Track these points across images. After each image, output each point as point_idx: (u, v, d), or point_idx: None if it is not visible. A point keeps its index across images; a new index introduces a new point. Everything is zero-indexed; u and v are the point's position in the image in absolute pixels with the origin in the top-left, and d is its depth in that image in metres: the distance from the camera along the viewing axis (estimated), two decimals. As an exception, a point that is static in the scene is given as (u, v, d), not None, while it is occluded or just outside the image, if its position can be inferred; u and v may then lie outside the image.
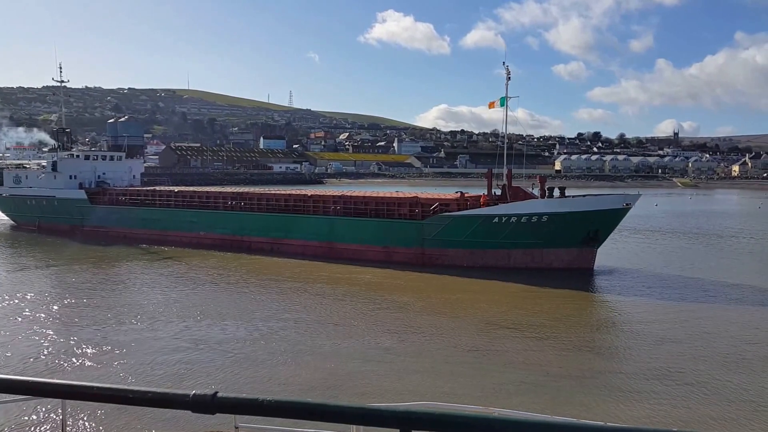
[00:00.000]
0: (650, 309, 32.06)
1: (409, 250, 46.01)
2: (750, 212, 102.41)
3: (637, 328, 28.48)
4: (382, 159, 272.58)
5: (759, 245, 57.91)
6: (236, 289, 36.84)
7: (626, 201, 42.56)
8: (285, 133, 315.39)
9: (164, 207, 59.79)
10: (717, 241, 60.52)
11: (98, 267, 44.99)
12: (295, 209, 52.73)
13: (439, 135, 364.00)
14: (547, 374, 21.75)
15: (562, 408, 17.94)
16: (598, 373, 22.16)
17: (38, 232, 64.86)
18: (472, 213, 44.07)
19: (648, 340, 26.27)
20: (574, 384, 20.95)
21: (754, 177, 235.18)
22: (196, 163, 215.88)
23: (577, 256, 42.68)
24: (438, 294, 35.82)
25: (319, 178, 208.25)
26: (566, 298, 34.82)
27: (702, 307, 32.24)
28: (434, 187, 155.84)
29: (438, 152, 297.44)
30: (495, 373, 21.82)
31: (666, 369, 22.40)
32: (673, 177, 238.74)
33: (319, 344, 25.28)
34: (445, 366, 22.63)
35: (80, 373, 21.63)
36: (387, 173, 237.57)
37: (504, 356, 24.01)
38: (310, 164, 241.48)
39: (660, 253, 51.78)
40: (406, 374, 21.70)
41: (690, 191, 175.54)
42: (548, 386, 20.61)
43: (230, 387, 20.18)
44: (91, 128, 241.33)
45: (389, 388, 20.36)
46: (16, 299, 33.39)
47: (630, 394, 19.92)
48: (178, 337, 26.35)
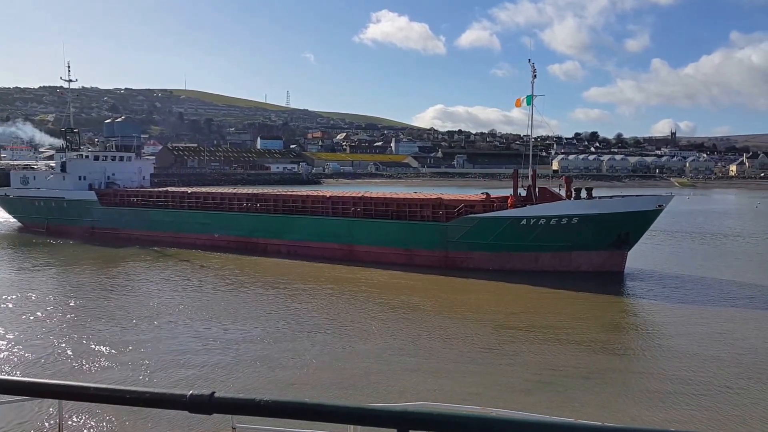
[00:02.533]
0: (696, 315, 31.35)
1: (432, 252, 45.12)
2: (748, 212, 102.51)
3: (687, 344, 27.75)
4: (379, 159, 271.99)
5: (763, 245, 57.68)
6: (255, 292, 36.06)
7: (659, 202, 41.80)
8: (282, 134, 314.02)
9: (177, 208, 58.66)
10: (723, 241, 60.34)
11: (112, 269, 44.04)
12: (313, 211, 51.72)
13: (436, 135, 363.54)
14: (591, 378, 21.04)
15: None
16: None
17: (47, 233, 63.61)
18: (499, 215, 43.20)
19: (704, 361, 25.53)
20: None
21: (751, 177, 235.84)
22: (193, 164, 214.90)
23: (608, 259, 41.86)
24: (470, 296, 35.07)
25: (317, 178, 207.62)
26: (603, 303, 34.10)
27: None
28: (432, 187, 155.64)
29: (435, 152, 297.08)
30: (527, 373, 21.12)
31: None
32: (671, 177, 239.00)
33: (351, 347, 25.00)
34: (473, 367, 22.36)
35: (104, 375, 21.41)
36: (384, 173, 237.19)
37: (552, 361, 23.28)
38: (307, 164, 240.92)
39: (681, 254, 51.15)
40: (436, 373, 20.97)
41: (688, 191, 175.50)
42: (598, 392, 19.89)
43: (248, 386, 20.45)
44: (88, 128, 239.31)
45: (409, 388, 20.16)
46: (29, 300, 33.09)
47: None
48: (197, 336, 26.38)
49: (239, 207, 55.77)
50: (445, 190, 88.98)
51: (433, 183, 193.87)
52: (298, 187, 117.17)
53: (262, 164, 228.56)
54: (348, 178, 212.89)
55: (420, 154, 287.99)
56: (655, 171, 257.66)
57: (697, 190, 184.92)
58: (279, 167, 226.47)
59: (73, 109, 69.97)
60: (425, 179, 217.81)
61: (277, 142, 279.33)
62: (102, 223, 61.84)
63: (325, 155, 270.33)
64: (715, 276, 41.12)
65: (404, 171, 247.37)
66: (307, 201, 52.80)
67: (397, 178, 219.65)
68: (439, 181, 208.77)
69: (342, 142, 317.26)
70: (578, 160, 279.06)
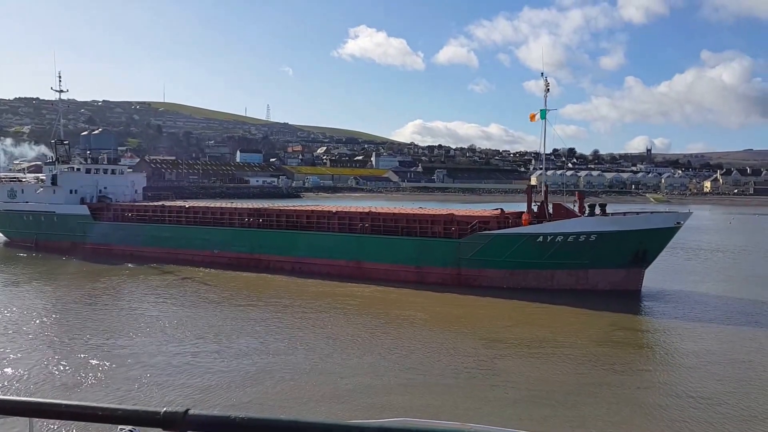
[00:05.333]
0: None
1: (444, 270, 44.19)
2: (723, 228, 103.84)
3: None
4: (359, 173, 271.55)
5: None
6: (261, 311, 34.84)
7: (678, 219, 41.52)
8: (262, 147, 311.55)
9: (175, 224, 56.90)
10: (709, 256, 61.13)
11: (107, 287, 42.27)
12: (318, 227, 50.47)
13: (416, 150, 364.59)
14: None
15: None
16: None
17: (35, 249, 61.25)
18: (515, 231, 42.48)
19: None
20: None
21: (725, 193, 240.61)
22: (171, 176, 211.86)
23: (625, 277, 41.31)
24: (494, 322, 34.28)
25: (296, 192, 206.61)
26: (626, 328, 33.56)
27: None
28: (412, 201, 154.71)
29: (416, 167, 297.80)
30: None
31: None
32: (647, 193, 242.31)
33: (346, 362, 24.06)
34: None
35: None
36: (365, 187, 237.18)
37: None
38: (287, 178, 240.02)
39: (676, 268, 51.10)
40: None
41: (663, 207, 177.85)
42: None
43: (251, 399, 20.81)
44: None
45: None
46: (19, 317, 32.26)
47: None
48: (199, 351, 26.39)
49: (240, 222, 54.24)
50: (425, 205, 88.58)
51: (414, 197, 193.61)
52: (278, 201, 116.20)
53: (241, 177, 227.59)
54: (328, 192, 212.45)
55: (400, 168, 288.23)
56: (631, 187, 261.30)
57: (672, 206, 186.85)
58: (258, 181, 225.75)
59: (49, 120, 67.98)
60: (405, 193, 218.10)
61: (256, 155, 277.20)
62: (95, 239, 59.61)
63: (305, 169, 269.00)
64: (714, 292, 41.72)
65: (384, 185, 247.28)
66: (312, 216, 51.47)
67: (377, 192, 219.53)
68: (419, 195, 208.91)
69: (322, 156, 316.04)
70: (556, 176, 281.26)
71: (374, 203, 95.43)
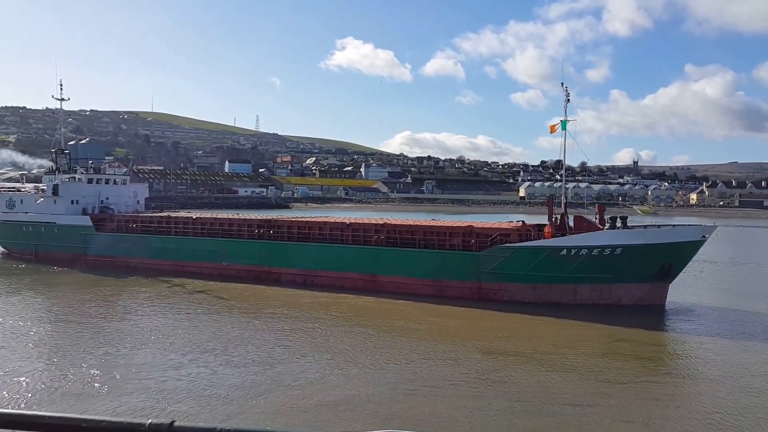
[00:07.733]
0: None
1: (463, 284, 43.30)
2: (710, 239, 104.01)
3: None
4: (348, 184, 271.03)
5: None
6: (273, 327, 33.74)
7: (703, 233, 41.13)
8: (251, 157, 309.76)
9: (181, 235, 55.54)
10: (703, 267, 60.52)
11: (115, 301, 40.88)
12: (331, 238, 49.45)
13: (406, 161, 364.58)
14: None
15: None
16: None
17: (35, 260, 59.51)
18: (537, 244, 41.72)
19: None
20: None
21: (711, 205, 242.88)
22: (159, 186, 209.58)
23: (649, 292, 40.73)
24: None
25: (285, 202, 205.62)
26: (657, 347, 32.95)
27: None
28: (402, 212, 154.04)
29: (405, 178, 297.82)
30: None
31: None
32: (633, 205, 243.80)
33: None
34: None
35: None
36: (354, 198, 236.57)
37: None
38: (276, 188, 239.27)
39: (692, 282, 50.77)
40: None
41: (650, 219, 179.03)
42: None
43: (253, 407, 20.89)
44: (52, 150, 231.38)
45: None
46: (19, 330, 31.59)
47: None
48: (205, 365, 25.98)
49: (249, 234, 53.04)
50: (414, 216, 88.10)
51: (403, 208, 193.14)
52: (267, 211, 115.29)
53: (230, 188, 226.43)
54: (317, 203, 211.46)
55: (390, 179, 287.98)
56: (618, 199, 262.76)
57: (659, 217, 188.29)
58: (247, 191, 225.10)
59: (36, 130, 66.58)
60: (395, 204, 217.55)
61: (245, 165, 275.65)
62: (97, 250, 58.03)
63: (294, 179, 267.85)
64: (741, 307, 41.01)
65: (374, 196, 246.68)
66: (324, 228, 50.39)
67: (366, 203, 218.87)
68: (408, 206, 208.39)
69: (312, 166, 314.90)
70: (544, 187, 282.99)
71: (364, 214, 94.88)
